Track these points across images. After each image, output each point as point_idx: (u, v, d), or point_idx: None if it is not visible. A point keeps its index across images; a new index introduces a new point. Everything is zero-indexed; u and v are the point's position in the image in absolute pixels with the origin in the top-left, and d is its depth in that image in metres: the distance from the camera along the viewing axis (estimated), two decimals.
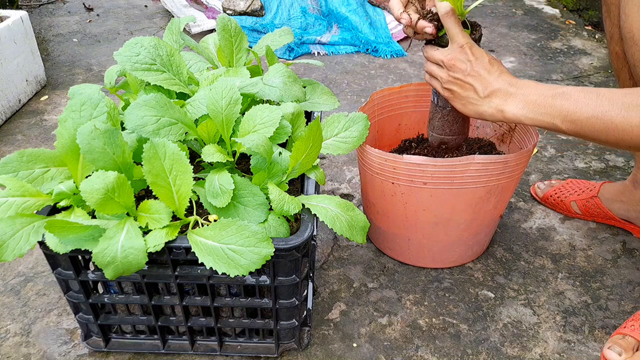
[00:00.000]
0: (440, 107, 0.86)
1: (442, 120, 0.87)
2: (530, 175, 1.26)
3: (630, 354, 0.77)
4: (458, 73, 0.74)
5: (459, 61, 0.73)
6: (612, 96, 0.64)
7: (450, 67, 0.75)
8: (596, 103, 0.65)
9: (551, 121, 0.68)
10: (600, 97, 0.65)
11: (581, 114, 0.66)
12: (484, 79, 0.72)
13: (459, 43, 0.73)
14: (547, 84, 0.70)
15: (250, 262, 0.63)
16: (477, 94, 0.73)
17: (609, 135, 0.65)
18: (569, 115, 0.67)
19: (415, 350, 0.84)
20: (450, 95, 0.77)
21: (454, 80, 0.75)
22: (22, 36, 1.52)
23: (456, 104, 0.77)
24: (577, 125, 0.67)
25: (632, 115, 0.62)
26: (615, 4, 0.84)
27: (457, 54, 0.73)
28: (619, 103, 0.63)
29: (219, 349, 0.81)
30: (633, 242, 1.06)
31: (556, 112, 0.68)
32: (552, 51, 1.93)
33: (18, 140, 1.40)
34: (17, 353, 0.83)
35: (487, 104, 0.73)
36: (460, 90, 0.75)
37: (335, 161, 1.32)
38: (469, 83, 0.73)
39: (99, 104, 0.68)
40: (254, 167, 0.75)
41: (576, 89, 0.67)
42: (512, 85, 0.71)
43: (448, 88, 0.77)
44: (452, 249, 0.96)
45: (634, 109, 0.62)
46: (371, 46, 1.92)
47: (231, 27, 0.90)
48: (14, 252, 0.62)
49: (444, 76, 0.76)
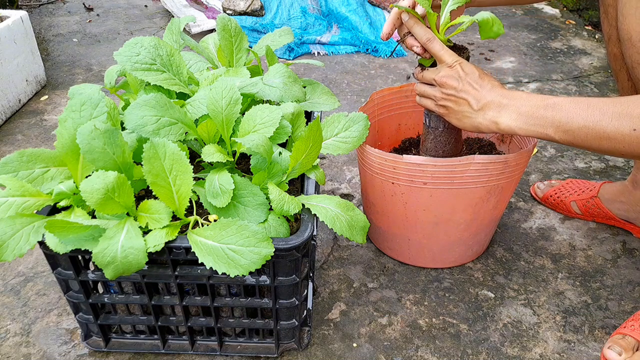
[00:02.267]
0: (432, 129, 0.86)
1: (435, 141, 0.87)
2: (530, 175, 1.26)
3: (630, 353, 0.77)
4: (450, 89, 0.76)
5: (450, 78, 0.75)
6: (603, 106, 0.65)
7: (442, 85, 0.76)
8: (587, 113, 0.66)
9: (544, 132, 0.70)
10: (591, 107, 0.66)
11: (573, 124, 0.67)
12: (477, 93, 0.74)
13: (447, 63, 0.75)
14: (538, 95, 0.72)
15: (250, 262, 0.63)
16: (471, 108, 0.75)
17: (602, 144, 0.66)
18: (561, 126, 0.68)
19: (415, 350, 0.84)
20: (446, 111, 0.79)
21: (447, 97, 0.77)
22: (22, 36, 1.52)
23: (452, 119, 0.79)
24: (570, 135, 0.68)
25: (622, 125, 0.63)
26: (612, 5, 0.84)
27: (448, 72, 0.75)
28: (609, 113, 0.64)
29: (219, 349, 0.81)
30: (633, 242, 1.06)
31: (548, 123, 0.69)
32: (552, 51, 1.93)
33: (18, 140, 1.40)
34: (17, 353, 0.83)
35: (482, 116, 0.74)
36: (455, 105, 0.77)
37: (335, 161, 1.32)
38: (462, 98, 0.75)
39: (99, 104, 0.68)
40: (254, 167, 0.75)
41: (567, 100, 0.69)
42: (504, 97, 0.73)
43: (443, 105, 0.78)
44: (452, 249, 0.96)
45: (624, 118, 0.63)
46: (371, 46, 1.92)
47: (231, 27, 0.90)
48: (14, 252, 0.62)
49: (437, 94, 0.78)
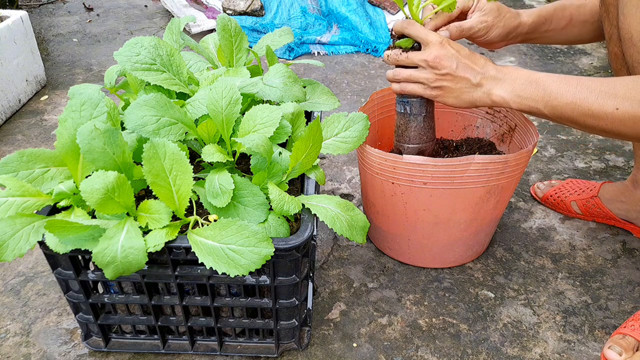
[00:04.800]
0: (415, 116, 0.85)
1: (418, 129, 0.87)
2: (530, 175, 1.26)
3: (630, 353, 0.77)
4: (447, 69, 0.75)
5: (444, 58, 0.75)
6: (591, 84, 0.69)
7: (436, 66, 0.75)
8: (576, 90, 0.69)
9: (535, 105, 0.73)
10: (580, 85, 0.69)
11: (562, 100, 0.70)
12: (472, 68, 0.75)
13: (436, 41, 0.75)
14: (530, 70, 0.75)
15: (250, 262, 0.63)
16: (470, 83, 0.76)
17: (587, 121, 0.69)
18: (550, 101, 0.71)
19: (415, 350, 0.84)
20: (440, 92, 0.78)
21: (442, 77, 0.76)
22: (22, 36, 1.52)
23: (448, 99, 0.78)
24: (558, 110, 0.71)
25: (607, 103, 0.67)
26: (613, 4, 0.84)
27: (440, 51, 0.75)
28: (596, 91, 0.68)
29: (219, 349, 0.81)
30: (633, 242, 1.06)
31: (539, 97, 0.72)
32: (552, 51, 1.93)
33: (18, 140, 1.40)
34: (17, 353, 0.83)
35: (480, 91, 0.76)
36: (452, 84, 0.76)
37: (335, 161, 1.32)
38: (461, 75, 0.75)
39: (99, 104, 0.68)
40: (254, 167, 0.75)
41: (558, 76, 0.72)
42: (499, 72, 0.75)
43: (437, 86, 0.78)
44: (452, 248, 0.96)
45: (609, 97, 0.67)
46: (371, 46, 1.92)
47: (231, 27, 0.90)
48: (14, 252, 0.62)
49: (430, 76, 0.77)
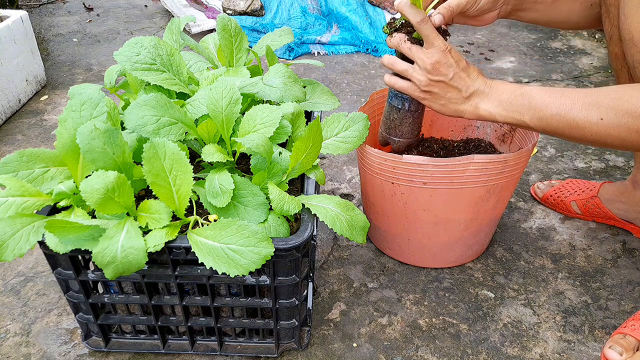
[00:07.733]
0: (412, 112, 0.86)
1: (413, 124, 0.87)
2: (530, 175, 1.26)
3: (630, 353, 0.77)
4: (441, 76, 0.76)
5: (443, 66, 0.75)
6: (575, 96, 0.70)
7: (432, 71, 0.76)
8: (560, 102, 0.70)
9: (521, 118, 0.73)
10: (564, 97, 0.70)
11: (547, 112, 0.71)
12: (465, 82, 0.76)
13: (441, 47, 0.75)
14: (516, 84, 0.76)
15: (250, 262, 0.63)
16: (460, 95, 0.77)
17: (572, 132, 0.70)
18: (536, 113, 0.72)
19: (415, 350, 0.84)
20: (428, 96, 0.78)
21: (434, 83, 0.76)
22: (22, 36, 1.52)
23: (433, 104, 0.79)
24: (544, 122, 0.72)
25: (591, 114, 0.68)
26: (614, 4, 0.84)
27: (442, 59, 0.75)
28: (580, 102, 0.69)
29: (219, 348, 0.81)
30: (633, 242, 1.06)
31: (525, 110, 0.73)
32: (552, 51, 1.93)
33: (18, 140, 1.40)
34: (17, 353, 0.83)
35: (468, 104, 0.77)
36: (442, 92, 0.77)
37: (335, 161, 1.32)
38: (454, 86, 0.76)
39: (99, 103, 0.68)
40: (254, 167, 0.75)
41: (543, 89, 0.73)
42: (487, 86, 0.76)
43: (427, 90, 0.78)
44: (452, 248, 0.96)
45: (594, 108, 0.68)
46: (371, 46, 1.92)
47: (231, 27, 0.90)
48: (14, 252, 0.62)
49: (423, 79, 0.77)
